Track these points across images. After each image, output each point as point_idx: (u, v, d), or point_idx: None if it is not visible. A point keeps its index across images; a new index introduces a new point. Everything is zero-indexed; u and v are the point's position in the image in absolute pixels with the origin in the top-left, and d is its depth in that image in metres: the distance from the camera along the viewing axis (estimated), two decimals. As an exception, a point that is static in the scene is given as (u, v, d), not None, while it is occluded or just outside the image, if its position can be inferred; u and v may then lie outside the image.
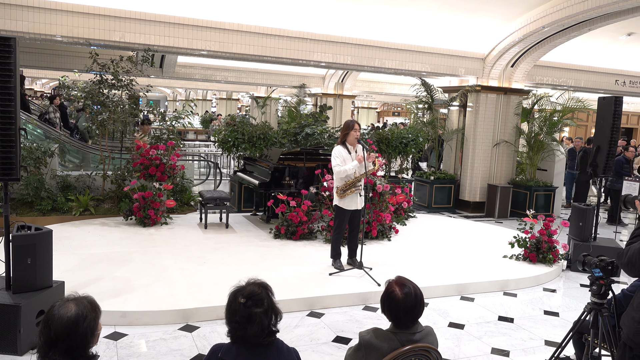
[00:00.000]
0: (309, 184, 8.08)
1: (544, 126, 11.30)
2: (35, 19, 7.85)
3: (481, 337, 4.88)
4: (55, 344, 1.88)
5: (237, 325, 2.18)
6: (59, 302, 1.96)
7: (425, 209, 11.21)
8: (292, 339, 4.60)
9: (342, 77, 17.00)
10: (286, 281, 5.73)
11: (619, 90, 13.57)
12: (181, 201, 9.32)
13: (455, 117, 11.92)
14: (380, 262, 6.61)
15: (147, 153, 8.19)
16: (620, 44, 11.63)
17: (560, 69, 12.63)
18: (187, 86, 28.08)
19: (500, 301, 5.91)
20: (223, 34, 9.06)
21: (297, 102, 15.12)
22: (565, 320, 5.39)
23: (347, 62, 10.20)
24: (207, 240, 7.41)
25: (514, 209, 11.16)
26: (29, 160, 8.14)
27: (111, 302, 4.88)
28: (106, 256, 6.31)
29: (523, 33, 9.72)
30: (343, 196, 6.05)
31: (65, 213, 8.16)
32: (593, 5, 8.09)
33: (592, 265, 3.22)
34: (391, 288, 2.51)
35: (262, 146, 9.53)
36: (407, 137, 10.77)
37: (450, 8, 9.22)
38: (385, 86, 20.46)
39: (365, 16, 9.51)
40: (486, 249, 7.71)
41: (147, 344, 4.37)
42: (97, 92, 8.44)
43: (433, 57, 10.73)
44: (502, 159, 11.44)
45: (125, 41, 8.47)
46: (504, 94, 11.26)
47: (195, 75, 16.54)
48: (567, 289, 6.53)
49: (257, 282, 2.26)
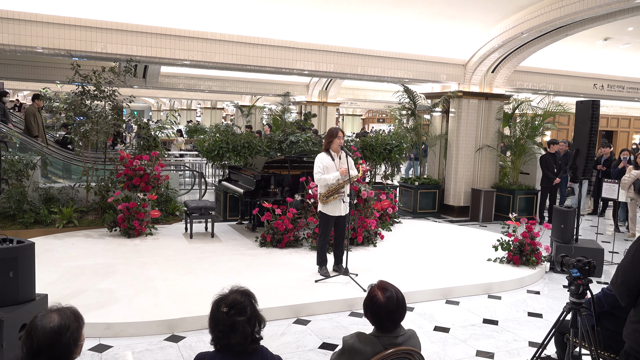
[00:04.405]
0: (294, 191, 8.10)
1: (526, 130, 11.47)
2: (16, 31, 7.80)
3: (466, 340, 4.93)
4: (38, 354, 1.88)
5: (220, 335, 2.20)
6: (41, 313, 1.96)
7: (410, 215, 11.29)
8: (279, 346, 4.61)
9: (326, 84, 17.09)
10: (272, 289, 5.73)
11: (598, 94, 13.83)
12: (166, 211, 9.28)
13: (438, 122, 12.05)
14: (366, 268, 6.65)
15: (130, 164, 8.16)
16: (597, 48, 11.87)
17: (540, 74, 12.85)
18: (171, 96, 27.97)
19: (485, 304, 5.97)
20: (206, 44, 9.08)
21: (281, 111, 15.18)
22: (548, 321, 5.46)
23: (330, 70, 10.27)
24: (192, 250, 7.38)
25: (497, 213, 11.29)
26: (10, 173, 8.05)
27: (95, 313, 4.84)
28: (90, 268, 6.26)
29: (502, 39, 9.89)
30: (326, 202, 6.09)
31: (48, 226, 8.08)
32: (569, 12, 8.27)
33: (570, 265, 3.29)
34: (373, 292, 2.54)
35: (246, 155, 9.54)
36: (391, 144, 10.85)
37: (430, 15, 9.35)
38: (369, 93, 20.61)
39: (347, 24, 9.60)
40: (471, 252, 7.79)
41: (132, 356, 4.34)
42: (80, 103, 8.40)
43: (415, 64, 10.85)
44: (485, 164, 11.58)
45: (107, 52, 8.45)
46: (486, 99, 11.41)
47: (179, 85, 16.53)
48: (551, 290, 6.62)
49: (239, 290, 2.28)
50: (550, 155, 10.73)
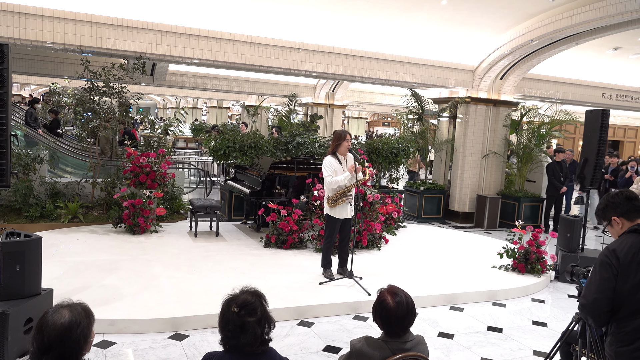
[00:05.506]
0: (300, 193, 8.09)
1: (533, 138, 11.44)
2: (27, 26, 7.83)
3: (470, 347, 4.91)
4: (48, 350, 1.87)
5: (230, 334, 2.18)
6: (52, 308, 1.96)
7: (415, 219, 11.26)
8: (282, 348, 4.59)
9: (333, 87, 17.09)
10: (276, 290, 5.72)
11: (606, 103, 13.78)
12: (171, 209, 9.29)
13: (445, 128, 12.03)
14: (371, 271, 6.63)
15: (137, 160, 8.17)
16: (606, 58, 11.83)
17: (549, 81, 12.81)
18: (177, 94, 28.04)
19: (489, 311, 5.94)
20: (215, 43, 9.09)
21: (288, 112, 15.18)
22: (553, 330, 5.44)
23: (339, 73, 10.27)
24: (197, 248, 7.38)
25: (502, 220, 11.25)
26: (17, 167, 8.07)
27: (100, 310, 4.83)
28: (95, 264, 6.27)
29: (512, 46, 9.86)
30: (334, 206, 6.07)
31: (53, 220, 8.10)
32: (580, 20, 8.24)
33: (580, 275, 3.26)
34: (383, 296, 2.53)
35: (253, 155, 9.54)
36: (397, 147, 10.84)
37: (440, 21, 9.34)
38: (376, 96, 20.59)
39: (356, 27, 9.60)
40: (475, 259, 7.76)
41: (135, 353, 4.34)
42: (88, 99, 8.42)
43: (423, 68, 10.84)
44: (491, 170, 11.55)
45: (117, 49, 8.47)
46: (493, 105, 11.38)
47: (186, 83, 16.54)
48: (555, 299, 6.59)
49: (250, 291, 2.27)
50: (557, 164, 10.69)
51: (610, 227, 2.95)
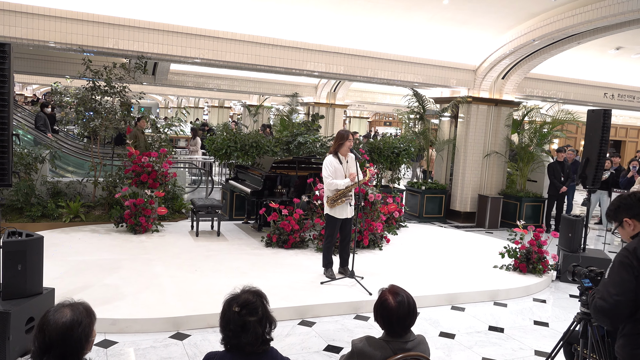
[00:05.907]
0: (301, 192, 8.09)
1: (534, 137, 11.42)
2: (29, 25, 7.84)
3: (472, 346, 4.90)
4: (50, 349, 1.88)
5: (231, 334, 2.18)
6: (54, 308, 1.96)
7: (416, 219, 11.26)
8: (284, 347, 4.59)
9: (334, 86, 17.08)
10: (278, 289, 5.72)
11: (608, 103, 13.75)
12: (172, 209, 9.29)
13: (447, 127, 12.02)
14: (372, 271, 6.63)
15: (139, 160, 8.17)
16: (608, 57, 11.81)
17: (550, 81, 12.80)
18: (179, 93, 28.03)
19: (490, 311, 5.94)
20: (217, 42, 9.09)
21: (289, 111, 15.16)
22: (555, 330, 5.43)
23: (340, 72, 10.26)
24: (198, 248, 7.38)
25: (504, 220, 11.24)
26: (19, 166, 8.08)
27: (101, 309, 4.84)
28: (96, 263, 6.27)
29: (514, 46, 9.85)
30: (333, 206, 6.07)
31: (55, 220, 8.11)
32: (582, 20, 8.22)
33: (582, 275, 3.26)
34: (384, 296, 2.53)
35: (254, 154, 9.54)
36: (398, 147, 10.83)
37: (442, 20, 9.33)
38: (377, 96, 20.57)
39: (358, 27, 9.59)
40: (477, 259, 7.75)
41: (137, 352, 4.34)
42: (90, 98, 8.43)
43: (425, 68, 10.83)
44: (492, 170, 11.54)
45: (119, 48, 8.47)
46: (495, 105, 11.37)
47: (187, 83, 16.55)
48: (557, 299, 6.58)
49: (251, 290, 2.27)
50: (558, 164, 10.67)
51: (621, 228, 2.89)
